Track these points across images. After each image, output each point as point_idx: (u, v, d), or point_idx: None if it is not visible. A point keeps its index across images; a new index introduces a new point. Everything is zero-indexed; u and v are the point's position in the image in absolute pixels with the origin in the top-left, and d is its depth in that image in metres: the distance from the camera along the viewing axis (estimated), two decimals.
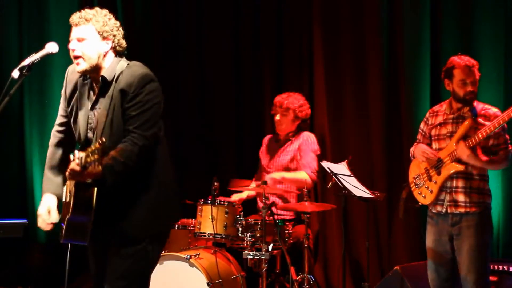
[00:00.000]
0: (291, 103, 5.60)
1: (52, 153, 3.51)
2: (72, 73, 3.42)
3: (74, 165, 3.05)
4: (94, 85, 3.37)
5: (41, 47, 3.37)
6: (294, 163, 5.58)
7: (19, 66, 3.28)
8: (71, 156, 3.19)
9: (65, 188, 3.40)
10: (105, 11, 3.37)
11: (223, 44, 6.58)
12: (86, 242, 3.28)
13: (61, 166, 3.44)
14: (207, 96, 6.67)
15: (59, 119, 3.53)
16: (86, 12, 3.31)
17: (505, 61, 5.48)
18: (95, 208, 3.19)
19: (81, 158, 3.03)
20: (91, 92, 3.37)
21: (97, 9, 3.36)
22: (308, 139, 5.65)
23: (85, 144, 3.34)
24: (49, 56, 3.40)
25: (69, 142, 3.50)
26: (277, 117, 5.66)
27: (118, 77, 3.28)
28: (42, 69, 6.32)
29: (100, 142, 2.96)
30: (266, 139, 5.90)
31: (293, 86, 6.25)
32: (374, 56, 5.99)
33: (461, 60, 4.32)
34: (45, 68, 6.30)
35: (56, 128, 3.54)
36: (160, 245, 3.46)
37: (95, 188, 3.18)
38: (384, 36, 5.96)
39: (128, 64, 3.35)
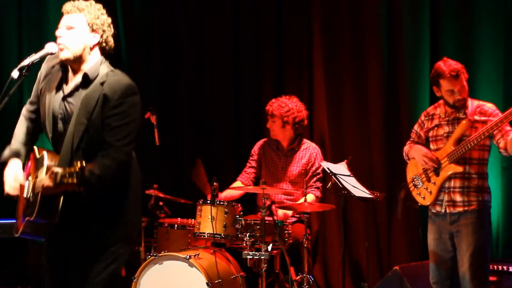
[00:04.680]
0: (276, 109, 5.54)
1: (21, 127, 3.50)
2: (54, 58, 3.39)
3: (47, 181, 3.06)
4: (71, 74, 3.34)
5: (41, 47, 3.37)
6: (301, 178, 5.53)
7: (19, 66, 3.28)
8: (36, 152, 3.24)
9: (26, 183, 3.37)
10: (99, 6, 3.35)
11: (223, 43, 6.58)
12: (44, 239, 3.32)
13: (27, 141, 3.48)
14: (206, 96, 6.66)
15: (33, 97, 3.50)
16: (80, 2, 3.30)
17: (505, 61, 5.49)
18: (60, 212, 3.18)
19: (56, 174, 3.01)
20: (64, 82, 3.34)
21: (92, 1, 3.34)
22: (318, 155, 5.63)
23: (53, 132, 3.31)
24: (48, 56, 3.40)
25: (38, 121, 3.47)
26: (268, 125, 5.64)
27: (104, 82, 3.24)
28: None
29: (79, 166, 2.94)
30: (260, 142, 5.82)
31: (293, 86, 6.26)
32: (374, 56, 6.00)
33: (446, 67, 4.27)
34: None
35: (28, 106, 3.52)
36: (130, 246, 3.47)
37: (62, 195, 3.18)
38: (384, 36, 5.96)
39: (112, 70, 3.31)
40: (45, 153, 3.29)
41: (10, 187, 3.34)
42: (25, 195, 3.37)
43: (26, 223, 3.25)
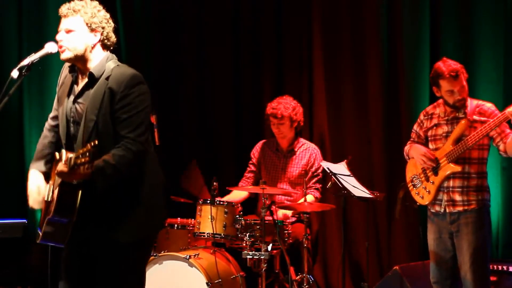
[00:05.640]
0: (285, 110, 5.55)
1: (42, 145, 3.49)
2: (67, 68, 3.41)
3: (62, 166, 3.04)
4: (80, 77, 3.35)
5: (41, 47, 3.37)
6: (301, 179, 5.52)
7: (18, 66, 3.28)
8: (57, 155, 3.19)
9: (47, 186, 3.36)
10: (95, 3, 3.35)
11: (223, 43, 6.58)
12: (63, 245, 3.25)
13: (48, 158, 3.45)
14: (206, 96, 6.66)
15: (54, 112, 3.51)
16: (75, 3, 3.29)
17: (505, 61, 5.49)
18: (78, 210, 3.14)
19: (70, 158, 3.00)
20: (75, 85, 3.35)
21: (87, 0, 3.34)
22: (317, 155, 5.64)
23: (67, 137, 3.31)
24: (48, 56, 3.40)
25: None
26: (275, 128, 5.63)
27: (109, 76, 3.24)
28: (41, 69, 6.32)
29: (92, 144, 2.90)
30: (260, 144, 5.83)
31: (293, 86, 6.27)
32: (373, 57, 6.00)
33: (445, 68, 4.27)
34: (44, 68, 6.30)
35: (49, 122, 3.53)
36: (147, 249, 3.43)
37: (80, 190, 3.14)
38: (384, 36, 5.96)
39: (118, 65, 3.32)
40: (63, 151, 3.26)
41: (34, 201, 3.33)
42: (46, 198, 3.35)
43: (46, 223, 3.21)
